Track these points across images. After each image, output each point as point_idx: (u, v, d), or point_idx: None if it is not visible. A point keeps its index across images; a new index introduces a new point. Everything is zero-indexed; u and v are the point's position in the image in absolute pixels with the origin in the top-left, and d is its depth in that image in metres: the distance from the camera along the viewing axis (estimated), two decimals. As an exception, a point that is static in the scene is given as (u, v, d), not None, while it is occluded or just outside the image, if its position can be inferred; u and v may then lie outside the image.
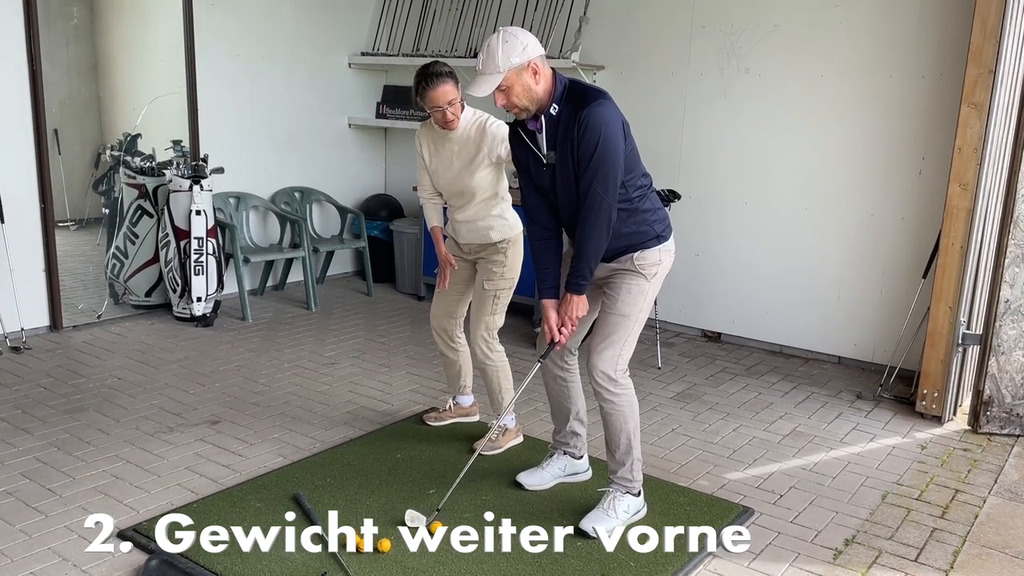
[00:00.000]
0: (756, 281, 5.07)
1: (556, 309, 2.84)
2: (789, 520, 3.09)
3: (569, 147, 2.66)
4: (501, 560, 2.74)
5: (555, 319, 2.84)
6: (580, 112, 2.61)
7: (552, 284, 2.87)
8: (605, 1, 5.37)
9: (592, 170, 2.64)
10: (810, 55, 4.71)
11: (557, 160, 2.71)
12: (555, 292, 2.87)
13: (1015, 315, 3.81)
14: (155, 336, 5.00)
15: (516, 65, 2.59)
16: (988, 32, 3.73)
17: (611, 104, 2.67)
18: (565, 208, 2.79)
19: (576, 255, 2.75)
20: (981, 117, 3.79)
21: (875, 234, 4.67)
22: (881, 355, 4.68)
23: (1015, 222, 3.74)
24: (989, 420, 3.91)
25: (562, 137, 2.67)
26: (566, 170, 2.70)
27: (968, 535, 3.02)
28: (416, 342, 5.06)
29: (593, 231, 2.69)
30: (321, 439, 3.66)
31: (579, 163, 2.66)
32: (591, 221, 2.68)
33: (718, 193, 5.12)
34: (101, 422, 3.76)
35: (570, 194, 2.74)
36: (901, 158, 4.54)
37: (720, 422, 3.99)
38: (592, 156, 2.63)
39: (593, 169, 2.64)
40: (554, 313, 2.84)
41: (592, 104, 2.62)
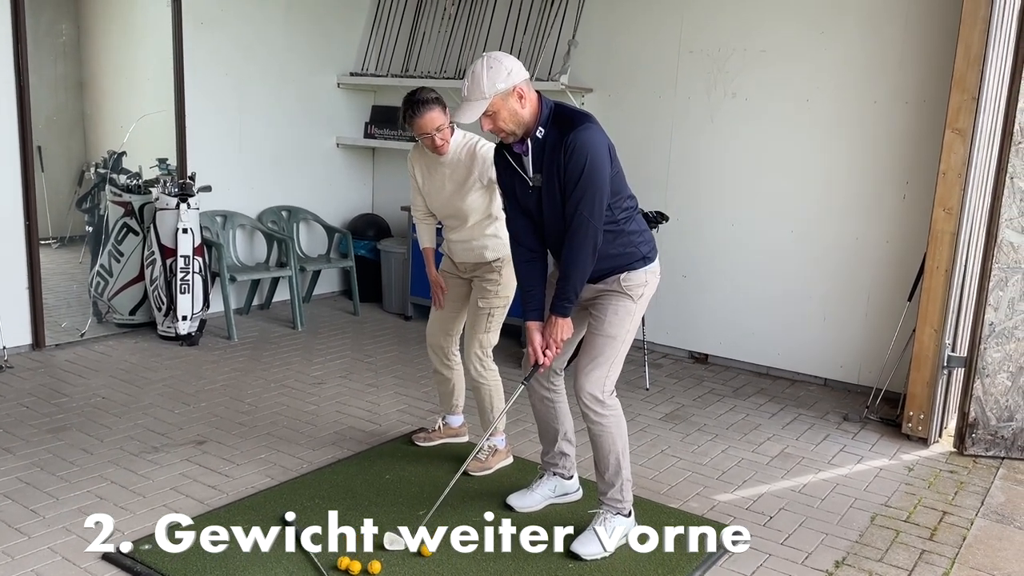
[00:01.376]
0: (743, 303, 5.10)
1: (541, 331, 2.84)
2: (779, 542, 3.09)
3: (555, 170, 2.67)
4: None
5: (539, 341, 2.83)
6: (567, 136, 2.63)
7: (537, 306, 2.87)
8: (593, 25, 5.43)
9: (579, 193, 2.65)
10: (796, 80, 4.77)
11: (543, 183, 2.72)
12: (540, 314, 2.86)
13: (999, 338, 3.85)
14: (139, 355, 4.95)
15: (501, 91, 2.61)
16: (971, 59, 3.80)
17: (597, 128, 2.69)
18: (551, 230, 2.80)
19: (562, 277, 2.76)
20: (965, 142, 3.85)
21: (860, 257, 4.71)
22: (867, 377, 4.71)
23: (999, 246, 3.79)
24: (975, 442, 3.94)
25: (548, 160, 2.69)
26: (552, 192, 2.72)
27: (956, 557, 3.03)
28: (403, 362, 5.04)
29: (579, 254, 2.70)
30: (309, 460, 3.63)
31: (565, 186, 2.67)
32: (577, 244, 2.69)
33: (705, 215, 5.16)
34: (85, 442, 3.71)
35: (556, 216, 2.75)
36: (886, 182, 4.59)
37: (709, 443, 4.00)
38: (579, 179, 2.64)
39: (580, 192, 2.65)
40: (538, 335, 2.84)
41: (579, 128, 2.64)
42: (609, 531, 2.91)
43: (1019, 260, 3.79)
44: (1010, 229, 3.77)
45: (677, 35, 5.14)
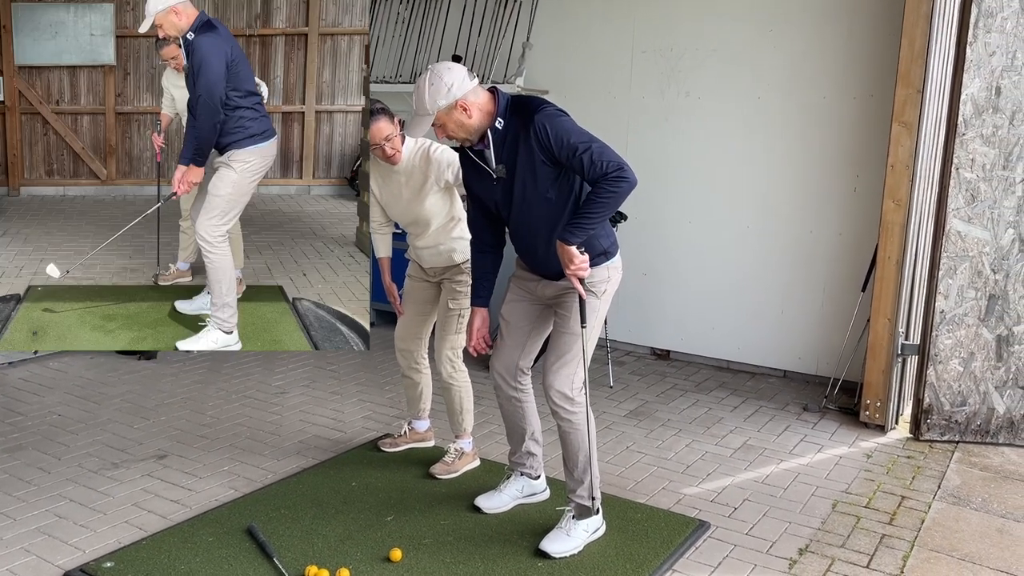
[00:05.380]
0: (702, 299, 5.17)
1: (482, 317, 2.99)
2: (744, 532, 3.14)
3: (528, 158, 2.67)
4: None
5: (479, 324, 2.98)
6: (531, 123, 2.63)
7: (485, 293, 3.00)
8: (547, 26, 5.46)
9: (583, 153, 2.59)
10: (747, 78, 4.85)
11: (508, 172, 2.73)
12: (486, 301, 3.00)
13: (950, 325, 3.95)
14: (96, 371, 4.85)
15: (443, 106, 2.64)
16: (915, 54, 3.90)
17: (554, 106, 2.71)
18: (519, 221, 2.80)
19: (583, 213, 2.64)
20: (911, 135, 3.95)
21: (814, 250, 4.81)
22: (825, 368, 4.80)
23: (947, 235, 3.89)
24: (930, 427, 4.03)
25: (510, 150, 2.70)
26: (522, 180, 2.71)
27: (916, 540, 3.11)
28: (368, 368, 5.01)
29: (617, 197, 2.61)
30: (273, 470, 3.59)
31: (555, 164, 2.65)
32: (616, 190, 2.60)
33: (663, 214, 5.21)
34: (42, 461, 3.63)
35: (523, 204, 2.75)
36: (837, 176, 4.69)
37: (673, 438, 4.04)
38: (571, 145, 2.60)
39: (583, 151, 2.59)
40: (479, 319, 2.99)
41: (540, 111, 2.65)
42: (578, 528, 2.93)
43: (966, 249, 3.89)
44: (957, 219, 3.88)
45: (630, 35, 5.19)
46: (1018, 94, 3.77)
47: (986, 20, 3.72)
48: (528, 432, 3.17)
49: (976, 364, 3.96)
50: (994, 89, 3.77)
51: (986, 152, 3.82)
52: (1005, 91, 3.77)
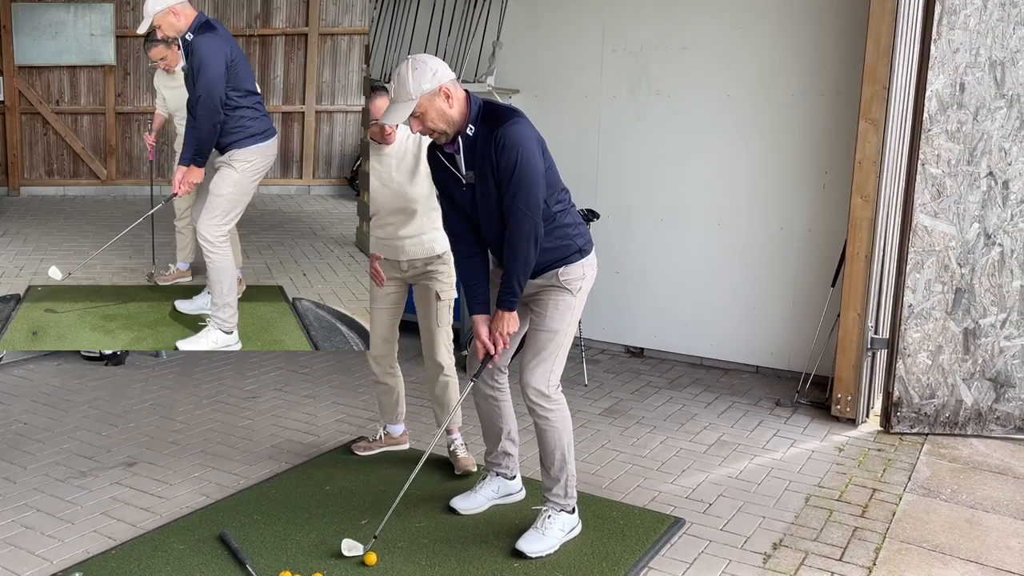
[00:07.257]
0: (675, 296, 5.19)
1: (488, 324, 2.85)
2: (719, 528, 3.16)
3: (488, 166, 2.68)
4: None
5: (487, 334, 2.85)
6: (496, 131, 2.64)
7: (482, 300, 2.89)
8: (517, 25, 5.45)
9: (513, 188, 2.67)
10: (716, 76, 4.88)
11: (477, 179, 2.73)
12: (485, 307, 2.88)
13: (918, 319, 4.00)
14: (63, 377, 4.77)
15: (427, 91, 2.61)
16: (881, 51, 3.94)
17: (526, 122, 2.71)
18: (488, 227, 2.81)
19: (505, 271, 2.77)
20: (878, 132, 3.99)
21: (785, 246, 4.84)
22: (796, 363, 4.85)
23: (914, 230, 3.94)
24: (900, 420, 4.08)
25: (480, 157, 2.69)
26: (487, 189, 2.72)
27: (888, 532, 3.14)
28: (340, 371, 4.97)
29: (519, 247, 2.71)
30: (245, 475, 3.55)
31: (499, 181, 2.69)
32: (517, 238, 2.70)
33: (635, 212, 5.23)
34: (7, 470, 3.55)
35: (491, 212, 2.76)
36: (806, 173, 4.73)
37: (648, 435, 4.05)
38: (512, 174, 2.65)
39: (514, 187, 2.67)
40: (485, 328, 2.85)
41: (507, 123, 2.65)
42: (554, 528, 2.93)
43: (933, 243, 3.94)
44: (923, 214, 3.92)
45: (600, 34, 5.20)
46: (981, 90, 3.83)
47: (950, 17, 3.77)
48: (504, 432, 3.16)
49: (944, 357, 4.01)
50: (958, 85, 3.82)
51: (951, 148, 3.87)
52: (969, 87, 3.82)
